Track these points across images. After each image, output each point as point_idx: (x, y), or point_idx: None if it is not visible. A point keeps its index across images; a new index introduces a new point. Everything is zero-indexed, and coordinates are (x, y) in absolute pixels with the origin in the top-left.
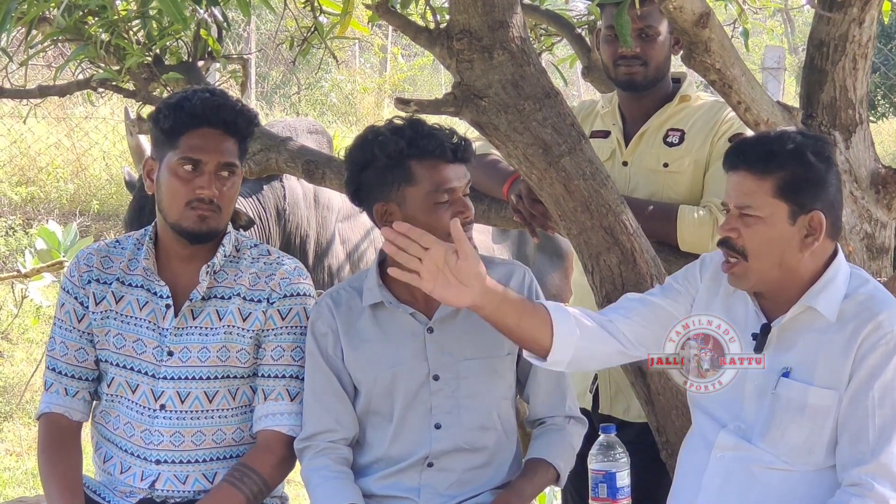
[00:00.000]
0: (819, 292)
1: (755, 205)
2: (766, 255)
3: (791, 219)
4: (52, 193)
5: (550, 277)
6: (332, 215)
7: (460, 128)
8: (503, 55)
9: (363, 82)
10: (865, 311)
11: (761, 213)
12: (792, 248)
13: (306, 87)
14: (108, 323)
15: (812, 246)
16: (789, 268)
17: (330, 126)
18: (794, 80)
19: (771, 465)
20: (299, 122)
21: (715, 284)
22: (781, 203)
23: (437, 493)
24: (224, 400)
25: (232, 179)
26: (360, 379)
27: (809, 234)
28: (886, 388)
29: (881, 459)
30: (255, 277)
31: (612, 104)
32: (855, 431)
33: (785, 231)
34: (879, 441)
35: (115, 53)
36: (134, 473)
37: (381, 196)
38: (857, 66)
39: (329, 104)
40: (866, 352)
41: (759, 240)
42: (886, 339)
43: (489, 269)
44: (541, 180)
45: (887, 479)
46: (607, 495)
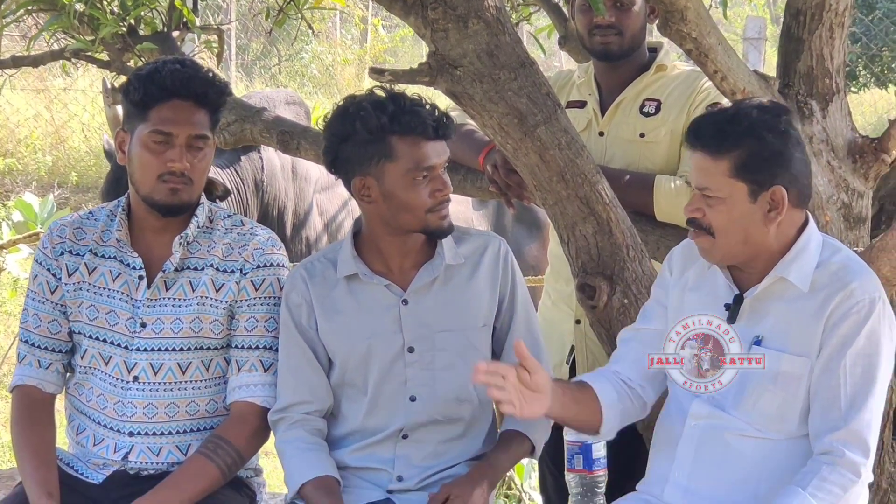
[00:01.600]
0: (791, 262)
1: (713, 186)
2: (731, 232)
3: (751, 197)
4: (30, 165)
5: (528, 248)
6: (310, 186)
7: (440, 101)
8: (478, 24)
9: (344, 54)
10: (837, 280)
11: (721, 195)
12: (756, 223)
13: (286, 58)
14: (81, 294)
15: (776, 220)
16: (756, 242)
17: (310, 97)
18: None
19: (744, 432)
20: (277, 94)
21: (684, 272)
22: (739, 183)
23: (412, 464)
24: (197, 371)
25: (204, 151)
26: (335, 350)
27: (772, 209)
28: (858, 357)
29: (852, 426)
30: (229, 248)
31: (587, 74)
32: (827, 399)
33: (746, 209)
34: (851, 409)
35: (89, 23)
36: (107, 445)
37: (359, 170)
38: (834, 34)
39: (309, 76)
40: (838, 320)
41: (722, 219)
42: (858, 307)
43: (464, 241)
44: (516, 150)
45: (858, 446)
46: (583, 466)
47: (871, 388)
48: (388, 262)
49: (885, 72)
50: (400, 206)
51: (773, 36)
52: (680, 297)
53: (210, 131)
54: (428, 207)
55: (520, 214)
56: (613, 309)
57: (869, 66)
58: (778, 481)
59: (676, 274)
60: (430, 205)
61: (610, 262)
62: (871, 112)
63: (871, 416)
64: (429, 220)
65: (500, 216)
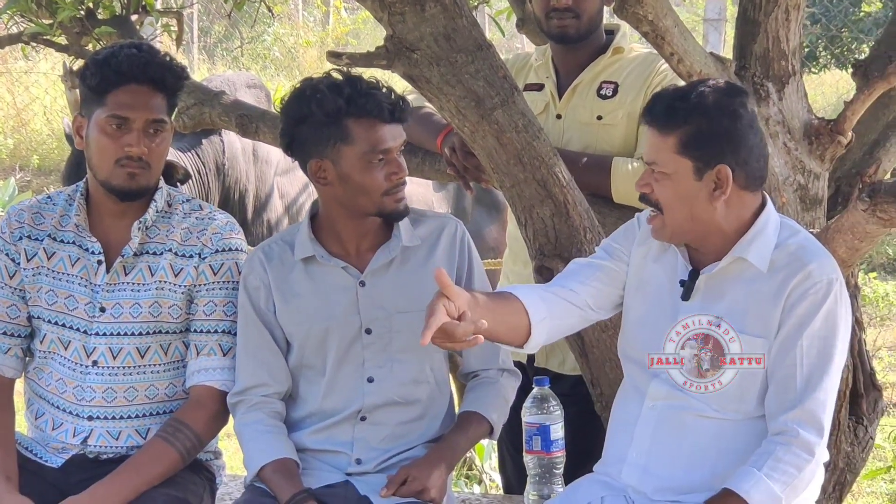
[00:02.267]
0: (749, 243)
1: (660, 161)
2: (677, 208)
3: (696, 174)
4: None
5: (488, 230)
6: (271, 169)
7: (396, 84)
8: (435, 7)
9: (306, 36)
10: (796, 261)
11: (667, 170)
12: (701, 201)
13: (248, 41)
14: (40, 279)
15: (720, 199)
16: (702, 220)
17: (273, 80)
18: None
19: (702, 413)
20: (238, 77)
21: (649, 239)
22: (684, 160)
23: (371, 446)
24: (156, 355)
25: (161, 136)
26: (293, 333)
27: (717, 188)
28: (814, 338)
29: (807, 406)
30: (187, 233)
31: (545, 57)
32: (783, 379)
33: (691, 186)
34: (806, 388)
35: (47, 7)
36: (66, 430)
37: (315, 152)
38: (790, 17)
39: (272, 58)
40: (795, 301)
41: (668, 195)
42: (815, 288)
43: (421, 223)
44: (473, 133)
45: (813, 426)
46: (541, 448)
47: (826, 369)
48: (345, 244)
49: (845, 52)
50: (356, 189)
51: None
52: (642, 263)
53: (167, 115)
54: (384, 190)
55: (480, 197)
56: None
57: (829, 47)
58: (735, 461)
59: (642, 236)
60: (386, 187)
61: (567, 244)
62: (833, 92)
63: (826, 395)
64: (384, 202)
65: (459, 198)
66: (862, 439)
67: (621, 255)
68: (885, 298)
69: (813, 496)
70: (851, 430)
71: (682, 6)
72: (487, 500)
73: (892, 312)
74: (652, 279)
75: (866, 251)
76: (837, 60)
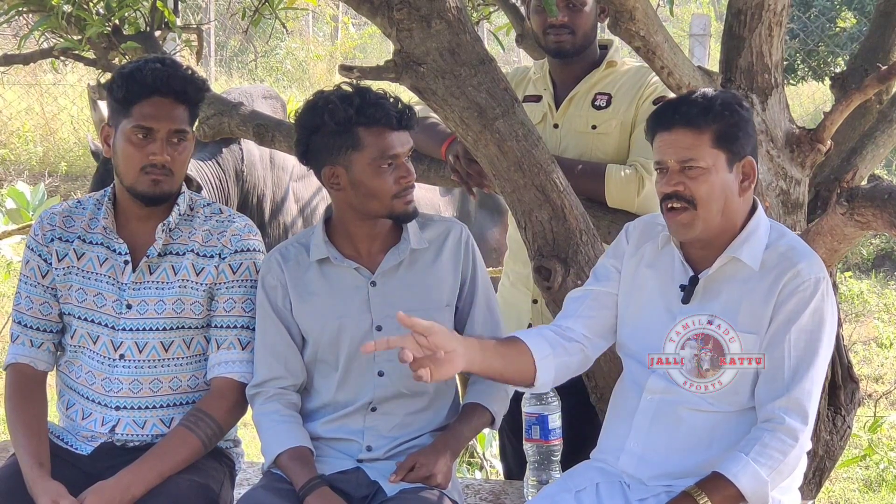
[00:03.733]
0: (742, 243)
1: (697, 156)
2: (714, 201)
3: (729, 166)
4: (22, 156)
5: (490, 232)
6: (287, 175)
7: (403, 95)
8: (440, 24)
9: (316, 50)
10: (786, 261)
11: (704, 164)
12: (733, 193)
13: (262, 54)
14: (71, 278)
15: (749, 190)
16: (730, 213)
17: (285, 91)
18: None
19: (697, 406)
20: (254, 89)
21: (641, 246)
22: (720, 152)
23: (381, 434)
24: (179, 349)
25: (183, 144)
26: (308, 329)
27: (745, 179)
28: (802, 332)
29: (793, 394)
30: (208, 234)
31: (543, 70)
32: (771, 370)
33: (726, 178)
34: (793, 379)
35: (76, 24)
36: (95, 419)
37: (328, 160)
38: (773, 33)
39: (284, 71)
40: (785, 297)
41: (707, 188)
42: (804, 286)
43: (428, 227)
44: (476, 141)
45: (798, 413)
46: (540, 436)
47: (812, 361)
48: (357, 246)
49: (822, 65)
50: (367, 193)
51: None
52: (635, 270)
53: (189, 126)
54: (393, 193)
55: (482, 201)
56: (567, 290)
57: (806, 61)
58: (727, 448)
59: (633, 246)
60: (396, 191)
61: (564, 245)
62: (809, 102)
63: (812, 386)
64: (394, 205)
65: (464, 202)
66: (840, 428)
67: (611, 275)
68: (860, 296)
69: (796, 482)
70: (830, 419)
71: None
72: (489, 486)
73: (867, 309)
74: (646, 283)
75: (844, 252)
76: (814, 73)
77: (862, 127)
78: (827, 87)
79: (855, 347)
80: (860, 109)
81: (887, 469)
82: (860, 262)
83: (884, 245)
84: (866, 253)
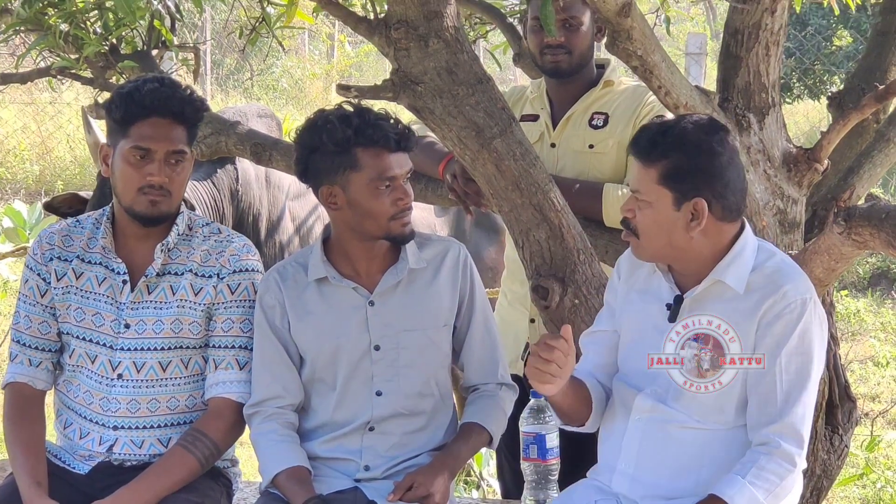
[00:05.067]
0: (727, 266)
1: (643, 190)
2: (655, 235)
3: (675, 205)
4: (18, 174)
5: (487, 252)
6: (282, 194)
7: (403, 115)
8: (438, 43)
9: (312, 68)
10: (771, 283)
11: (648, 199)
12: (678, 230)
13: (258, 73)
14: (69, 298)
15: (696, 229)
16: (680, 247)
17: (281, 110)
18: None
19: (685, 424)
20: (249, 108)
21: (632, 275)
22: (665, 190)
23: (378, 454)
24: (177, 369)
25: (181, 165)
26: (306, 349)
27: (693, 219)
28: (792, 355)
29: (787, 420)
30: (207, 254)
31: (540, 90)
32: (763, 395)
33: (669, 215)
34: (786, 404)
35: (73, 43)
36: (92, 438)
37: (327, 179)
38: (770, 52)
39: (280, 89)
40: (771, 320)
41: (648, 222)
42: (790, 308)
43: (426, 247)
44: (474, 161)
45: (793, 438)
46: (538, 455)
47: (804, 384)
48: (355, 265)
49: (818, 84)
50: (364, 214)
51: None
52: (626, 296)
53: (187, 146)
54: (390, 215)
55: (479, 220)
56: (565, 309)
57: (802, 79)
58: (718, 468)
59: (625, 276)
60: (393, 212)
61: (562, 265)
62: (805, 122)
63: (805, 409)
64: (391, 227)
65: (460, 222)
66: (837, 448)
67: (609, 314)
68: (857, 315)
69: (794, 503)
70: (828, 438)
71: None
72: None
73: (863, 328)
74: (635, 306)
75: (842, 271)
76: (810, 91)
77: (859, 146)
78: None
79: (851, 366)
80: (857, 128)
81: (884, 488)
82: (856, 281)
83: (880, 264)
84: (862, 272)
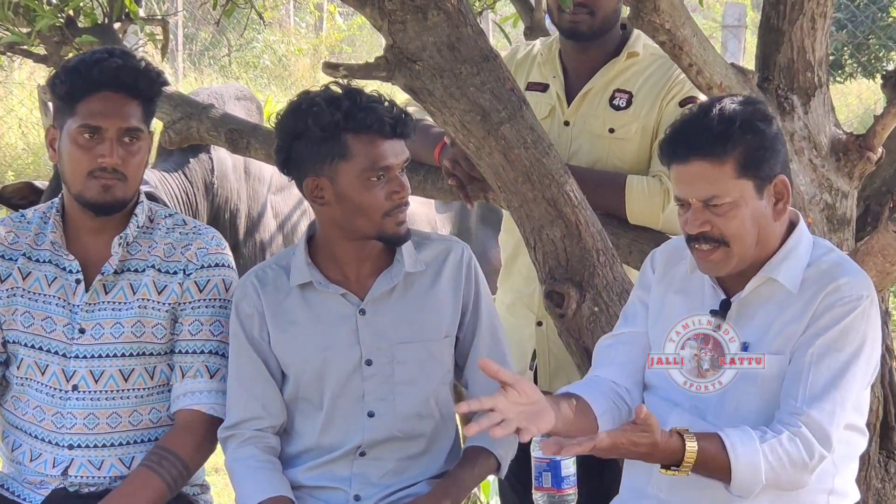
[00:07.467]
0: (780, 263)
1: (720, 193)
2: (748, 234)
3: (759, 193)
4: None
5: (494, 252)
6: (264, 187)
7: (398, 97)
8: (438, 16)
9: (298, 43)
10: (826, 276)
11: (730, 199)
12: (767, 219)
13: (237, 48)
14: (15, 301)
15: (784, 211)
16: (766, 240)
17: (263, 90)
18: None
19: None
20: (225, 89)
21: (668, 272)
22: (745, 181)
23: (371, 482)
24: (140, 379)
25: (137, 144)
26: (288, 364)
27: (779, 200)
28: (829, 348)
29: (812, 414)
30: (171, 248)
31: (552, 52)
32: (791, 379)
33: (756, 206)
34: (812, 396)
35: (25, 15)
36: (45, 460)
37: (312, 170)
38: (816, 25)
39: (262, 67)
40: (821, 312)
41: (737, 225)
42: (842, 302)
43: (425, 247)
44: (479, 149)
45: (818, 430)
46: (552, 485)
47: (836, 381)
48: (344, 269)
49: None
50: (354, 209)
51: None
52: (662, 298)
53: (143, 124)
54: (384, 210)
55: (484, 216)
56: (583, 317)
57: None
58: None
59: (659, 273)
60: (387, 208)
61: (579, 267)
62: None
63: (835, 409)
64: (385, 224)
65: (463, 218)
66: (893, 475)
67: (638, 312)
68: None
69: None
70: (882, 465)
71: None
72: None
73: None
74: (674, 310)
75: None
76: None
77: None
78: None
79: None
80: None
81: None
82: None
83: None
84: None
